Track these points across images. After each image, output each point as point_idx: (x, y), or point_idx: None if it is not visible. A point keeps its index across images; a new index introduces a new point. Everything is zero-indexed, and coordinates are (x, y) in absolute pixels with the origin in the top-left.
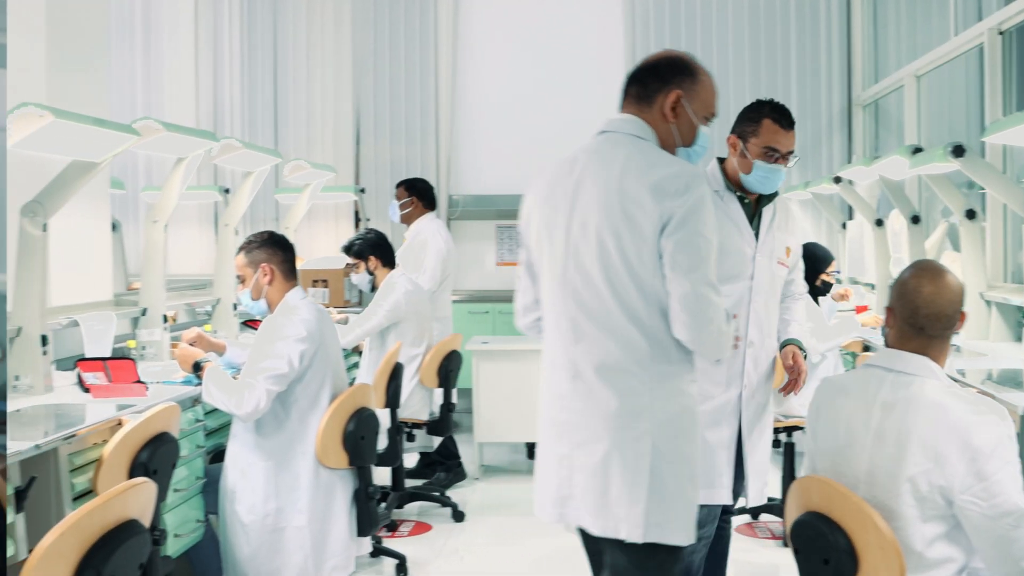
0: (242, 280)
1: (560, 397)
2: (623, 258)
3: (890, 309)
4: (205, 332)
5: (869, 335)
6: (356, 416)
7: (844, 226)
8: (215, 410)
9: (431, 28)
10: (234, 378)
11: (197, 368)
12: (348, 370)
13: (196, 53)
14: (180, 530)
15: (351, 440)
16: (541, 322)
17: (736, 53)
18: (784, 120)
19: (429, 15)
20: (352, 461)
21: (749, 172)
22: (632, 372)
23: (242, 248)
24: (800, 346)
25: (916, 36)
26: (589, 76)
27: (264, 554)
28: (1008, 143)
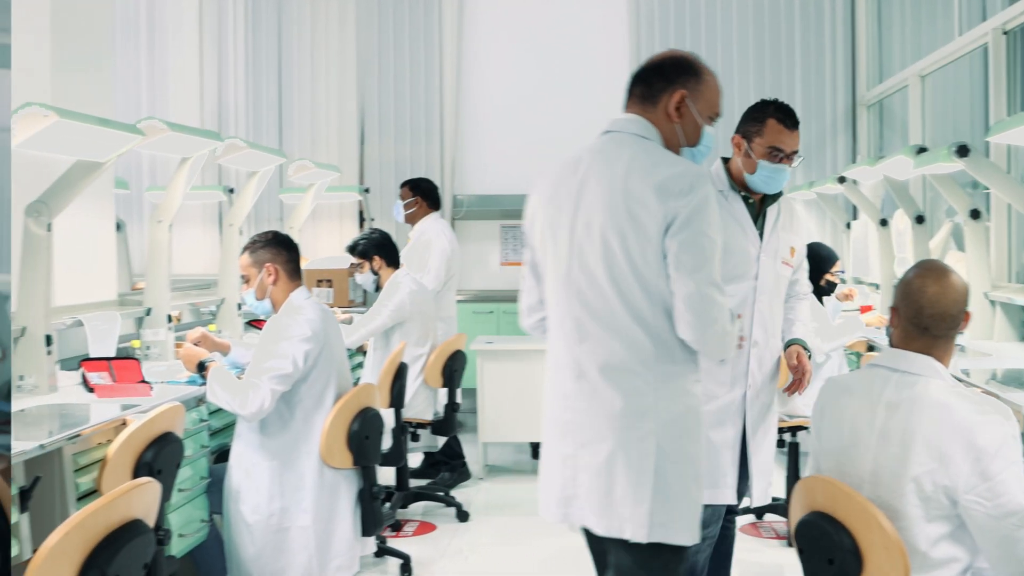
0: (246, 280)
1: (564, 397)
2: (627, 258)
3: (894, 309)
4: (209, 332)
5: (873, 335)
6: (360, 416)
7: (848, 226)
8: (219, 410)
9: (435, 28)
10: (238, 378)
11: (201, 368)
12: (352, 370)
13: (200, 53)
14: (184, 530)
15: (355, 440)
16: (545, 322)
17: (740, 53)
18: (789, 120)
19: (433, 15)
20: (356, 461)
21: (754, 172)
22: (636, 372)
23: (246, 248)
24: (804, 346)
25: (920, 36)
26: (594, 76)
27: (268, 554)
28: (1012, 143)
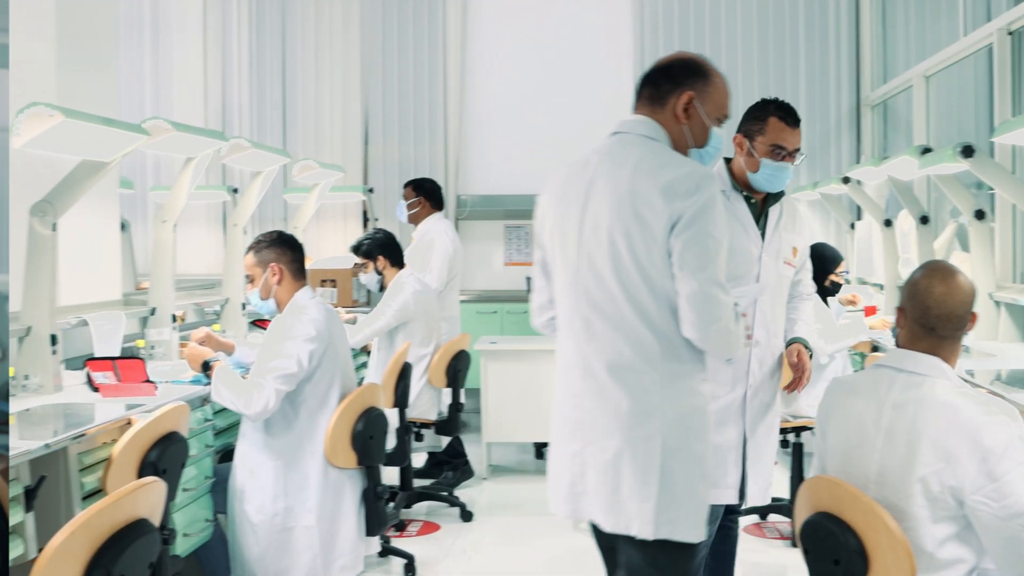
0: (251, 280)
1: (573, 395)
2: (634, 258)
3: (901, 309)
4: (214, 332)
5: (878, 336)
6: (365, 416)
7: (853, 226)
8: (224, 409)
9: (440, 28)
10: (243, 378)
11: (206, 367)
12: (356, 370)
13: (205, 53)
14: (189, 529)
15: (360, 440)
16: (556, 321)
17: (745, 54)
18: (790, 118)
19: (438, 15)
20: (361, 461)
21: (756, 171)
22: (643, 371)
23: (251, 248)
24: (806, 344)
25: (925, 36)
26: (597, 76)
27: (273, 553)
28: (1017, 143)
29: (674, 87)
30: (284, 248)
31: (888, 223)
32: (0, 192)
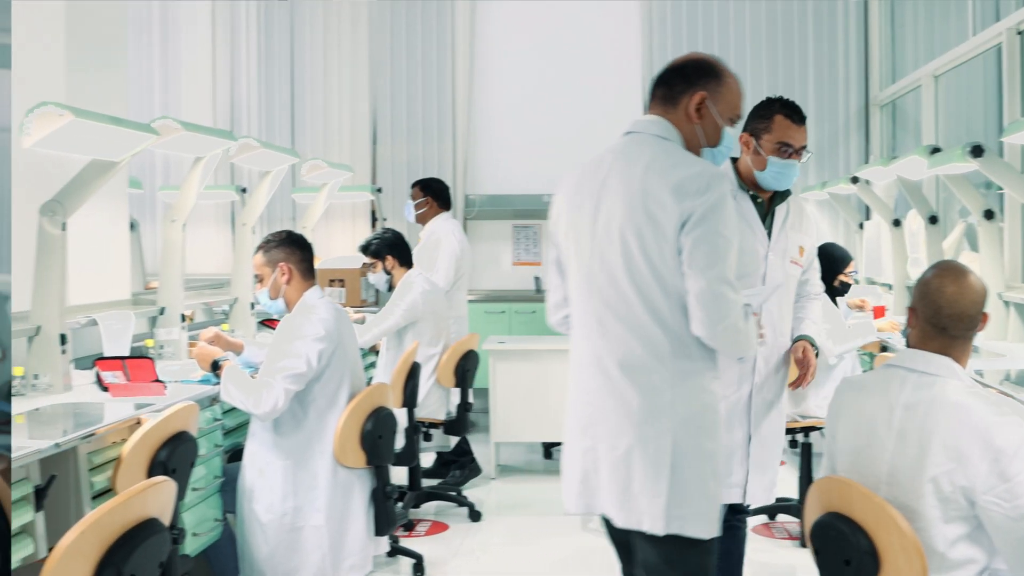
0: (260, 279)
1: (586, 392)
2: (645, 257)
3: (912, 309)
4: (223, 331)
5: (886, 337)
6: (374, 415)
7: (861, 226)
8: (233, 409)
9: (448, 29)
10: (252, 377)
11: (215, 367)
12: (365, 369)
13: (213, 53)
14: (198, 529)
15: (369, 439)
16: (571, 319)
17: (753, 54)
18: (795, 115)
19: (446, 16)
20: (370, 460)
21: (763, 169)
22: (654, 369)
23: (260, 247)
24: (812, 342)
25: (934, 36)
26: (605, 77)
27: (282, 553)
28: None
29: (687, 87)
30: (293, 248)
31: (897, 223)
32: (1, 192)
